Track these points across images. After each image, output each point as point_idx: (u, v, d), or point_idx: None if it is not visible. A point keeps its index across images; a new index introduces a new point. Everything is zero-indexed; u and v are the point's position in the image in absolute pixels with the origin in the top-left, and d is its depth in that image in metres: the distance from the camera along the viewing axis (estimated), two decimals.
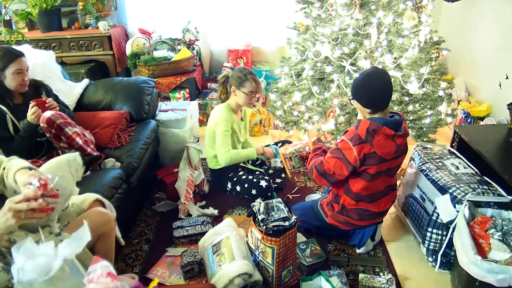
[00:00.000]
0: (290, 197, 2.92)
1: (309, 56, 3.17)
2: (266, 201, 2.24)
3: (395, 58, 2.99)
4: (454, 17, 4.07)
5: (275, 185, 2.93)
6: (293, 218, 2.14)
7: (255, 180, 2.73)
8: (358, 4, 2.85)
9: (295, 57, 3.36)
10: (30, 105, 2.27)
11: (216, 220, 2.68)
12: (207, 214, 2.70)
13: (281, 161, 2.75)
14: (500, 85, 3.30)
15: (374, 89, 2.09)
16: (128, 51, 3.94)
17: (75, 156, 1.81)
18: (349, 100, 2.29)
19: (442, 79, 3.19)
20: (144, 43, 3.97)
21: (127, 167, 2.50)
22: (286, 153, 2.68)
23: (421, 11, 2.97)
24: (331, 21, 3.09)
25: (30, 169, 1.50)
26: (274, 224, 2.08)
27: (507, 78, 3.21)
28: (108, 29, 3.91)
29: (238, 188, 2.79)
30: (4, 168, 1.55)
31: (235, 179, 2.81)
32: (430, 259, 2.34)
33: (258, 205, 2.20)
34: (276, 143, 3.13)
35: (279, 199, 2.29)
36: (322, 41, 3.04)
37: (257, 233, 2.09)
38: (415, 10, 2.93)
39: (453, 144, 2.75)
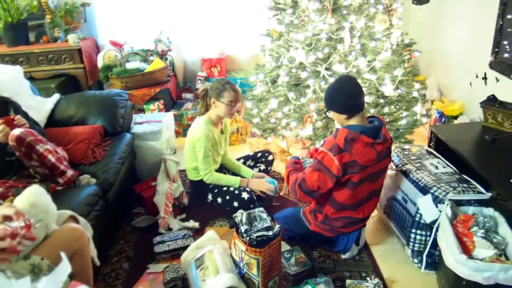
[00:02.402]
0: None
1: (284, 62, 3.15)
2: (248, 211, 2.20)
3: (369, 61, 3.01)
4: (423, 19, 4.15)
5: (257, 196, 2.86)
6: (277, 227, 2.10)
7: (236, 192, 2.68)
8: (330, 9, 2.86)
9: (270, 64, 3.34)
10: None
11: (197, 233, 2.62)
12: (188, 227, 2.64)
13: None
14: (471, 84, 3.37)
15: (344, 93, 2.11)
16: (100, 63, 3.85)
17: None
18: (325, 113, 2.30)
19: (415, 80, 3.23)
20: (116, 55, 3.90)
21: (103, 183, 2.43)
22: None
23: (392, 14, 2.99)
24: (304, 26, 3.08)
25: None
26: (257, 234, 2.04)
27: (477, 77, 3.27)
28: (78, 42, 3.82)
29: (219, 200, 2.74)
30: None
31: (216, 190, 2.76)
32: (415, 260, 2.34)
33: (240, 215, 2.16)
34: (256, 153, 3.10)
35: (261, 209, 2.25)
36: (296, 47, 3.03)
37: (241, 245, 2.05)
38: (386, 13, 2.95)
39: (430, 144, 2.77)
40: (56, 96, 3.05)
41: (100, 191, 2.35)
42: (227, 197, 2.69)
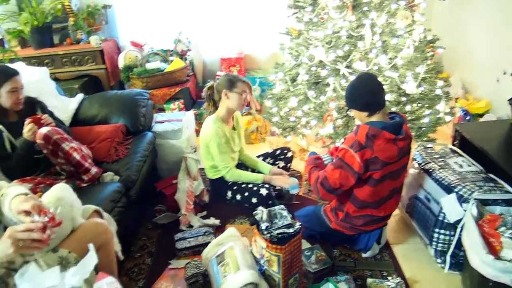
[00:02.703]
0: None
1: (303, 61, 3.14)
2: (269, 209, 2.20)
3: (390, 58, 2.97)
4: (446, 15, 4.07)
5: (276, 193, 2.87)
6: (297, 224, 2.10)
7: (255, 188, 2.68)
8: (350, 6, 2.84)
9: (289, 62, 3.33)
10: (26, 123, 2.25)
11: (218, 230, 2.63)
12: (208, 224, 2.66)
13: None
14: (498, 80, 3.29)
15: (365, 90, 2.10)
16: (121, 64, 3.91)
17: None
18: (347, 111, 2.29)
19: (439, 78, 3.17)
20: (136, 56, 3.95)
21: (126, 180, 2.46)
22: None
23: (414, 10, 2.95)
24: (323, 24, 3.06)
25: (26, 194, 1.45)
26: (278, 231, 2.04)
27: (504, 73, 3.19)
28: (100, 44, 3.89)
29: (238, 197, 2.74)
30: (2, 195, 1.50)
31: (234, 187, 2.76)
32: (438, 260, 2.30)
33: (261, 213, 2.16)
34: (274, 150, 3.09)
35: (282, 206, 2.24)
36: (316, 45, 3.02)
37: (262, 242, 2.05)
38: (408, 9, 2.91)
39: (455, 143, 2.72)
40: (80, 96, 3.11)
41: (123, 188, 2.38)
42: (246, 194, 2.70)
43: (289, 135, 3.42)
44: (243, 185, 2.74)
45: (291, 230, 2.06)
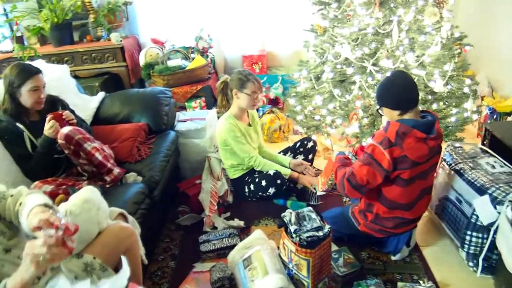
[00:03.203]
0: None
1: (329, 58, 3.08)
2: (297, 211, 2.15)
3: (417, 56, 2.90)
4: (472, 11, 3.95)
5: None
6: (327, 227, 2.05)
7: (264, 173, 2.72)
8: (377, 3, 2.77)
9: (314, 60, 3.27)
10: (47, 119, 2.22)
11: (243, 232, 2.59)
12: (233, 226, 2.61)
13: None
14: None
15: (398, 88, 2.04)
16: (142, 61, 3.89)
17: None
18: (377, 111, 2.22)
19: (465, 75, 3.08)
20: (158, 53, 3.92)
21: (149, 181, 2.43)
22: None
23: (442, 6, 2.86)
24: (349, 21, 3.00)
25: (46, 205, 1.39)
26: (307, 234, 1.99)
27: None
28: (121, 41, 3.87)
29: (252, 187, 2.74)
30: (20, 203, 1.45)
31: (249, 180, 2.76)
32: (470, 263, 2.23)
33: (289, 215, 2.12)
34: (295, 144, 3.04)
35: (310, 208, 2.20)
36: (341, 42, 2.95)
37: (290, 245, 2.01)
38: (436, 5, 2.83)
39: (484, 142, 2.63)
40: (101, 94, 3.10)
41: (146, 189, 2.35)
42: (257, 180, 2.70)
43: (314, 134, 3.36)
44: (255, 174, 2.73)
45: (320, 233, 2.01)
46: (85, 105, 2.96)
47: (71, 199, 1.70)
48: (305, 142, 2.98)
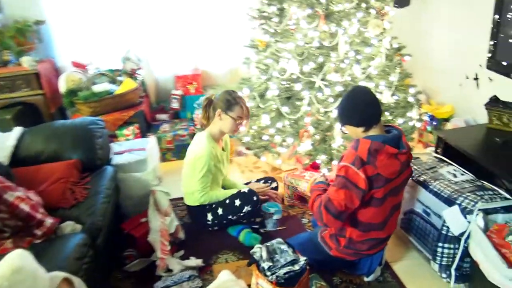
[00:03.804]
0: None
1: (274, 75, 2.94)
2: (266, 245, 1.96)
3: (363, 68, 2.86)
4: (405, 22, 4.05)
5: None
6: (302, 259, 1.89)
7: (234, 191, 2.53)
8: (322, 16, 2.68)
9: (257, 77, 3.11)
10: None
11: (203, 271, 2.34)
12: (191, 266, 2.34)
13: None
14: (461, 85, 3.30)
15: (360, 105, 1.95)
16: (62, 88, 3.45)
17: None
18: (340, 129, 2.11)
19: (408, 85, 3.11)
20: (80, 78, 3.51)
21: (90, 228, 2.09)
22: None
23: (383, 18, 2.86)
24: (292, 35, 2.88)
25: None
26: (283, 271, 1.82)
27: (467, 78, 3.20)
28: (35, 65, 3.42)
29: (220, 211, 2.51)
30: None
31: (213, 205, 2.54)
32: (443, 275, 2.19)
33: (259, 251, 1.93)
34: (258, 181, 2.87)
35: (279, 239, 2.02)
36: (287, 58, 2.82)
37: (266, 285, 1.81)
38: (379, 17, 2.82)
39: (438, 150, 2.64)
40: (18, 130, 2.65)
41: (88, 239, 2.01)
42: (227, 201, 2.50)
43: (263, 154, 3.18)
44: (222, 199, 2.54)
45: (297, 267, 1.85)
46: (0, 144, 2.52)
47: None
48: (269, 182, 2.85)
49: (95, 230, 2.10)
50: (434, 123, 3.47)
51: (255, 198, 2.46)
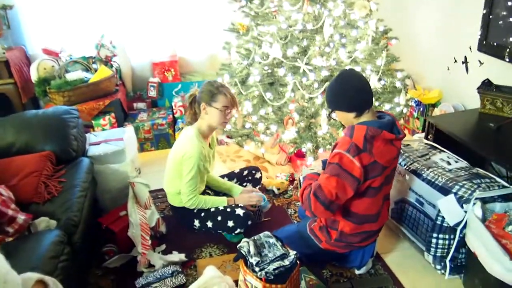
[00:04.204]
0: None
1: (256, 60, 2.81)
2: (254, 238, 1.85)
3: (349, 52, 2.75)
4: (389, 5, 3.95)
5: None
6: (292, 253, 1.78)
7: (228, 210, 2.31)
8: None
9: (238, 62, 2.98)
10: None
11: (186, 266, 2.23)
12: (173, 261, 2.22)
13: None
14: (448, 69, 3.23)
15: (351, 89, 1.83)
16: (34, 76, 3.26)
17: None
18: (329, 115, 2.00)
19: (395, 69, 3.02)
20: (53, 66, 3.32)
21: (66, 224, 1.96)
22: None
23: None
24: (275, 18, 2.76)
25: None
26: (273, 266, 1.71)
27: (455, 61, 3.13)
28: (4, 53, 3.21)
29: (209, 224, 2.35)
30: None
31: (203, 214, 2.36)
32: (438, 266, 2.12)
33: (246, 245, 1.81)
34: (242, 170, 2.72)
35: (267, 233, 1.91)
36: (269, 41, 2.70)
37: (255, 282, 1.70)
38: None
39: (428, 137, 2.57)
40: None
41: (64, 236, 1.87)
42: (219, 218, 2.31)
43: (246, 143, 3.07)
44: (213, 209, 2.35)
45: (286, 262, 1.74)
46: None
47: None
48: (253, 172, 2.71)
49: (71, 226, 1.97)
50: (421, 109, 3.41)
51: (249, 222, 2.29)
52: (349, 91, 1.83)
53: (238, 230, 2.29)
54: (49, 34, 3.58)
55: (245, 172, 2.69)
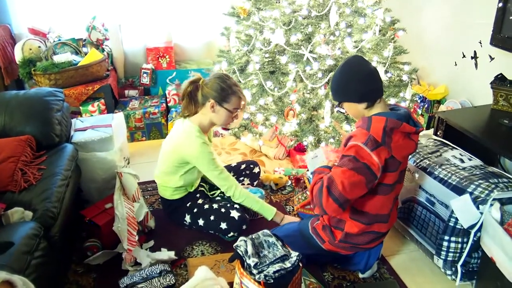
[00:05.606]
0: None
1: (257, 46, 2.64)
2: (252, 237, 1.68)
3: (355, 41, 2.59)
4: None
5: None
6: (294, 254, 1.62)
7: (223, 210, 2.13)
8: None
9: (237, 49, 2.80)
10: None
11: (175, 264, 2.06)
12: (162, 259, 2.05)
13: None
14: (456, 64, 3.08)
15: (360, 77, 1.66)
16: (19, 57, 3.05)
17: None
18: (337, 108, 1.83)
19: (401, 62, 2.87)
20: (39, 46, 3.12)
21: (43, 216, 1.77)
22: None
23: None
24: (278, 2, 2.59)
25: None
26: (273, 269, 1.54)
27: (464, 57, 2.98)
28: None
29: (200, 222, 2.18)
30: None
31: (195, 210, 2.19)
32: (448, 272, 1.97)
33: (244, 244, 1.65)
34: (239, 164, 2.54)
35: (266, 231, 1.75)
36: (271, 27, 2.53)
37: (253, 285, 1.53)
38: None
39: (438, 133, 2.41)
40: None
41: (41, 229, 1.69)
42: (212, 218, 2.14)
43: (243, 135, 2.89)
44: (206, 206, 2.19)
45: (288, 265, 1.58)
46: None
47: None
48: (251, 166, 2.54)
49: (49, 218, 1.78)
50: (426, 105, 3.25)
51: (244, 227, 2.12)
52: (357, 80, 1.66)
53: (231, 234, 2.12)
54: (36, 13, 3.38)
55: (243, 166, 2.51)
